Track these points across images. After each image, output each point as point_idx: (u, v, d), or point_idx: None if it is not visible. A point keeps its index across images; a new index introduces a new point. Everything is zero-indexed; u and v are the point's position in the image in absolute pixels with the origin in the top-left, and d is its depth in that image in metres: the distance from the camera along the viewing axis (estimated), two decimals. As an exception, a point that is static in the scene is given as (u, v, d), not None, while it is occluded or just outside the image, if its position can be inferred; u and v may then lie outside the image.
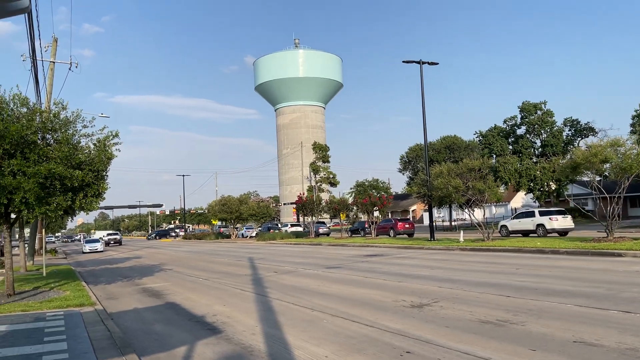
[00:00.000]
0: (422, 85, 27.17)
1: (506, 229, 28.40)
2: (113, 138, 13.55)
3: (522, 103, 45.43)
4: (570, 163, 18.75)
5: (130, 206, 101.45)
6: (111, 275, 20.09)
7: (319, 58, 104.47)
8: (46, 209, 12.30)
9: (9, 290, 13.00)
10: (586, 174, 19.09)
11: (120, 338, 7.62)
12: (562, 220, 26.72)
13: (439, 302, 9.76)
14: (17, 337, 7.87)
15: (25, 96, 12.82)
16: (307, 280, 14.57)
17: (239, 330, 8.34)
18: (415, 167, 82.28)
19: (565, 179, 41.77)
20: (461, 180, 22.07)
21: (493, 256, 18.39)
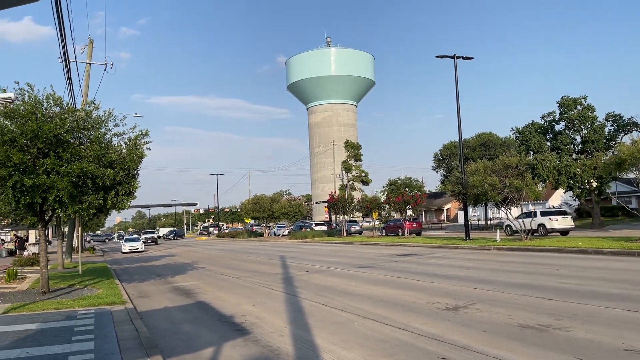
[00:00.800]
0: (457, 81, 26.50)
1: (511, 229, 29.53)
2: (143, 137, 13.58)
3: (561, 98, 43.81)
4: (614, 159, 17.86)
5: (166, 205, 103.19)
6: (145, 273, 20.29)
7: (351, 56, 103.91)
8: (79, 207, 12.42)
9: (44, 287, 13.19)
10: (632, 171, 18.11)
11: (147, 338, 7.51)
12: (562, 220, 28.14)
13: (475, 305, 9.32)
14: (46, 335, 7.87)
15: (58, 96, 12.98)
16: (338, 280, 14.29)
17: (267, 331, 8.13)
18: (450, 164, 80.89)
19: (608, 176, 40.18)
20: (497, 177, 21.33)
21: (532, 256, 17.67)
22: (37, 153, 12.34)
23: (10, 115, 12.26)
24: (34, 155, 12.29)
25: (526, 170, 21.31)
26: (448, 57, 26.66)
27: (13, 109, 12.18)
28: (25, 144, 12.21)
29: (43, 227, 13.56)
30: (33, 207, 12.77)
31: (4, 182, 11.47)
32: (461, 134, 26.89)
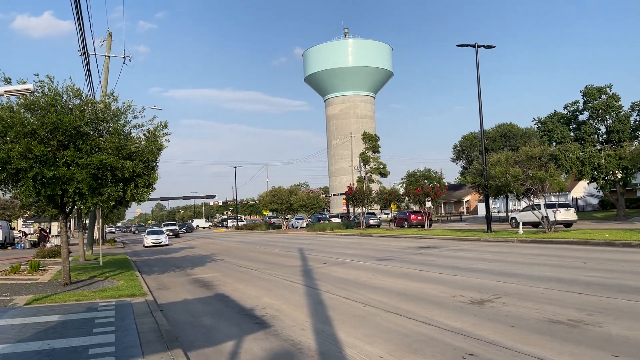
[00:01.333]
0: (478, 70, 25.94)
1: (516, 221, 30.88)
2: (163, 128, 13.52)
3: (585, 87, 42.75)
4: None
5: (185, 197, 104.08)
6: (164, 265, 20.37)
7: (369, 47, 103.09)
8: (98, 199, 12.42)
9: (66, 279, 13.27)
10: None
11: (167, 331, 7.44)
12: (564, 212, 29.05)
13: (501, 298, 9.06)
14: (68, 327, 7.85)
15: (78, 87, 12.97)
16: (358, 272, 14.11)
17: (288, 324, 8.00)
18: (470, 156, 79.97)
19: (634, 167, 39.19)
20: (520, 168, 20.84)
21: (557, 249, 17.25)
22: (58, 145, 12.36)
23: (31, 107, 12.31)
24: (54, 147, 12.32)
25: (550, 161, 20.74)
26: (469, 46, 26.12)
27: (33, 101, 12.21)
28: (46, 136, 12.25)
29: (64, 219, 13.62)
30: (54, 199, 12.82)
31: (24, 174, 11.51)
32: (482, 124, 26.40)
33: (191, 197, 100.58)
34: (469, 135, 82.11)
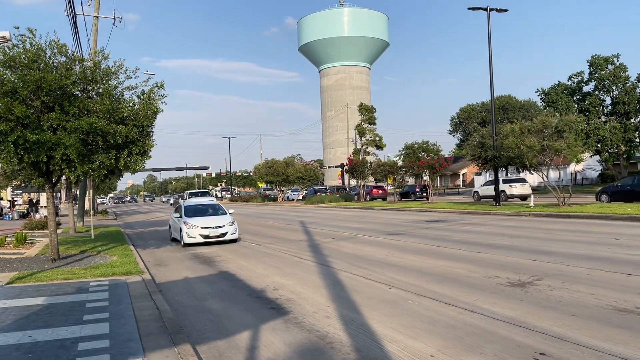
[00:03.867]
0: (489, 35, 24.56)
1: (478, 195, 34.24)
2: (158, 89, 12.23)
3: (591, 57, 41.55)
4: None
5: (178, 168, 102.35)
6: (160, 239, 19.31)
7: (365, 16, 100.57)
8: (89, 167, 11.21)
9: (54, 254, 12.17)
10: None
11: (170, 319, 6.39)
12: (520, 187, 31.50)
13: (542, 280, 8.09)
14: (54, 313, 6.78)
15: (63, 43, 11.60)
16: (370, 248, 13.12)
17: (309, 310, 6.98)
18: (467, 128, 78.89)
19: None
20: (535, 139, 19.77)
21: (578, 224, 16.33)
22: (42, 107, 11.09)
23: (11, 64, 10.98)
24: (38, 109, 11.06)
25: (568, 131, 19.71)
26: (481, 9, 24.68)
27: (13, 57, 10.87)
28: (28, 96, 10.97)
29: (51, 188, 12.43)
30: (39, 166, 11.61)
31: (4, 137, 10.25)
32: (493, 93, 25.14)
33: (184, 168, 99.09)
34: (467, 107, 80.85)
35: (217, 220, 16.10)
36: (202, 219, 15.99)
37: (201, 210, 17.01)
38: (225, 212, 17.19)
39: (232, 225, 15.99)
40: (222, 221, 15.99)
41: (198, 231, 15.37)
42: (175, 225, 17.03)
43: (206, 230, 15.45)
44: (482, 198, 33.37)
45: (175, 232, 16.92)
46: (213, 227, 15.56)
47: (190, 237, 15.34)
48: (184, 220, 15.89)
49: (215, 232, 15.50)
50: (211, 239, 15.46)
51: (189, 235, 15.36)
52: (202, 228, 15.46)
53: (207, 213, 16.87)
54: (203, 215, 16.54)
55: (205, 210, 17.09)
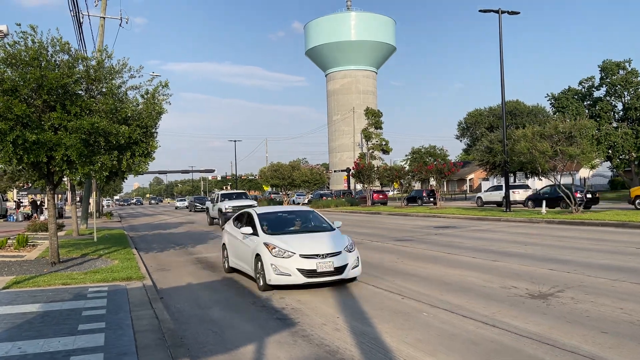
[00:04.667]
0: (501, 38, 24.11)
1: (481, 200, 35.01)
2: (163, 88, 11.89)
3: (602, 62, 40.94)
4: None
5: (183, 171, 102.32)
6: (164, 242, 18.96)
7: (372, 20, 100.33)
8: (90, 168, 10.86)
9: (54, 258, 11.82)
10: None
11: (170, 330, 5.99)
12: (523, 193, 31.43)
13: (564, 292, 7.65)
14: (48, 322, 6.41)
15: (66, 41, 11.28)
16: (379, 255, 12.70)
17: (317, 322, 6.57)
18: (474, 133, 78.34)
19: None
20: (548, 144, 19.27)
21: (594, 231, 15.84)
22: (43, 106, 10.77)
23: (12, 62, 10.66)
24: (39, 108, 10.74)
25: (583, 136, 19.21)
26: (492, 12, 24.25)
27: (14, 54, 10.56)
28: (29, 95, 10.65)
29: (52, 190, 12.10)
30: (39, 167, 11.28)
31: (3, 137, 9.93)
32: (504, 96, 24.65)
33: (190, 171, 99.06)
34: (475, 112, 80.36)
35: (324, 241, 8.88)
36: (297, 239, 8.92)
37: (287, 222, 10.19)
38: (330, 226, 9.98)
39: (351, 252, 8.84)
40: (333, 244, 8.82)
41: (295, 262, 8.34)
42: (242, 248, 9.79)
43: (310, 260, 8.36)
44: (486, 203, 34.08)
45: (242, 259, 9.81)
46: (322, 254, 8.45)
47: (281, 272, 8.32)
48: (263, 241, 8.86)
49: (327, 264, 8.35)
50: (320, 276, 8.34)
51: (279, 268, 8.34)
52: (304, 257, 8.40)
53: (300, 228, 9.94)
54: (293, 230, 9.68)
55: (292, 222, 10.20)
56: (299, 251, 8.45)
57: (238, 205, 23.84)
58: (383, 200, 45.37)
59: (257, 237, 9.17)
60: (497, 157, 35.15)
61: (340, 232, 9.74)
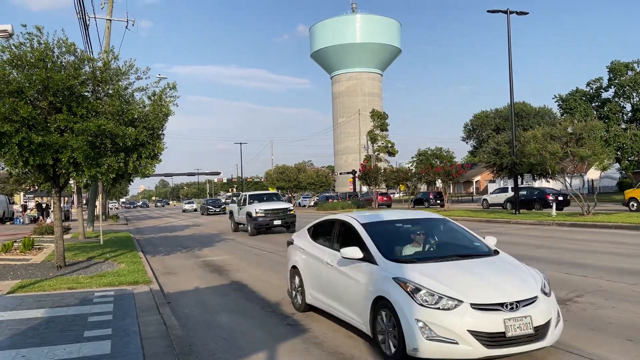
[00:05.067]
0: (509, 38, 23.87)
1: (487, 202, 35.57)
2: (170, 90, 11.75)
3: (610, 63, 40.61)
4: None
5: (189, 174, 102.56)
6: (170, 245, 18.81)
7: (377, 22, 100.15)
8: (96, 171, 10.72)
9: (59, 261, 11.68)
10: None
11: (178, 338, 5.81)
12: None
13: (583, 297, 7.41)
14: (53, 328, 6.24)
15: (72, 42, 11.16)
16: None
17: (330, 328, 6.37)
18: (480, 135, 77.92)
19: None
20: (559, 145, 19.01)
21: (607, 234, 15.55)
22: (49, 108, 10.64)
23: (17, 64, 10.55)
24: (45, 110, 10.61)
25: (588, 138, 18.94)
26: (500, 12, 24.02)
27: (19, 55, 10.44)
28: (35, 97, 10.53)
29: (58, 192, 11.97)
30: (45, 169, 11.15)
31: (9, 139, 9.81)
32: (512, 97, 24.38)
33: (195, 173, 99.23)
34: (481, 114, 79.98)
35: (503, 277, 5.16)
36: (450, 271, 5.15)
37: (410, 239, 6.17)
38: (484, 245, 6.26)
39: (549, 295, 5.08)
40: (520, 281, 5.08)
41: (464, 317, 4.56)
42: (338, 280, 6.10)
43: (491, 314, 4.61)
44: (491, 206, 34.59)
45: (337, 298, 6.13)
46: (509, 303, 4.68)
47: (438, 336, 4.57)
48: (392, 275, 5.09)
49: (521, 322, 4.60)
50: (511, 344, 4.57)
51: (434, 330, 4.59)
52: (479, 309, 4.65)
53: (436, 248, 6.14)
54: (433, 255, 5.82)
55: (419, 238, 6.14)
56: (468, 296, 4.67)
57: (272, 208, 20.63)
58: (387, 202, 46.21)
59: (374, 267, 5.39)
60: (504, 159, 34.87)
61: (531, 268, 5.69)
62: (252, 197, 22.86)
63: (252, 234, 20.42)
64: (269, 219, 20.37)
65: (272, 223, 20.38)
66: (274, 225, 20.50)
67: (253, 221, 20.30)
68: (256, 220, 20.25)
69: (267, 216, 20.29)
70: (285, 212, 21.06)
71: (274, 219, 20.46)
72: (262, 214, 20.38)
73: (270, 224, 20.41)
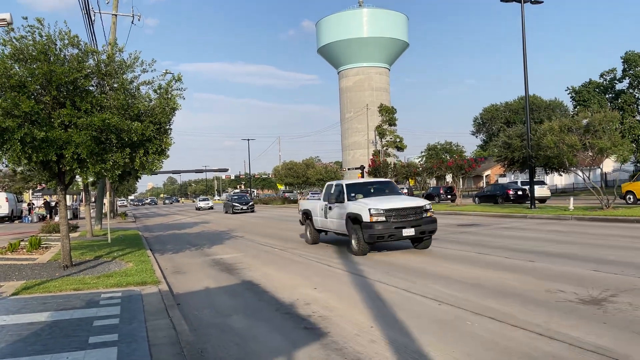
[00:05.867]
0: (523, 27, 23.24)
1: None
2: (176, 82, 11.35)
3: (625, 53, 39.78)
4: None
5: (197, 170, 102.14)
6: (179, 243, 18.48)
7: (384, 16, 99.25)
8: (101, 167, 10.36)
9: (66, 261, 11.35)
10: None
11: (189, 344, 5.42)
12: (538, 189, 31.16)
13: (618, 296, 6.95)
14: (56, 335, 5.88)
15: (75, 34, 10.78)
16: (405, 255, 12.04)
17: (350, 332, 5.96)
18: (490, 129, 77.07)
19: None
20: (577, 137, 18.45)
21: (631, 228, 15.00)
22: (53, 103, 10.29)
23: (19, 57, 10.20)
24: (48, 105, 10.26)
25: (611, 129, 18.37)
26: (514, 1, 23.40)
27: (21, 48, 10.09)
28: (38, 91, 10.19)
29: (63, 190, 11.63)
30: (49, 166, 10.81)
31: (11, 134, 9.46)
32: (527, 89, 23.74)
33: (203, 170, 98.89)
34: (490, 107, 79.21)
35: None
36: None
37: None
38: None
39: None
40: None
41: None
42: None
43: None
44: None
45: None
46: None
47: None
48: None
49: None
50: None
51: None
52: None
53: None
54: None
55: None
56: None
57: (400, 207, 12.15)
58: None
59: None
60: (516, 152, 34.26)
61: None
62: (352, 187, 13.68)
63: (362, 251, 12.13)
64: (395, 227, 11.87)
65: (401, 233, 11.88)
66: (403, 236, 11.98)
67: (367, 229, 11.85)
68: (372, 229, 11.77)
69: (392, 220, 11.93)
70: (420, 215, 12.31)
71: (404, 225, 11.92)
72: (383, 217, 11.86)
73: (396, 234, 11.89)
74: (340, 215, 13.07)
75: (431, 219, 12.43)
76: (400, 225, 11.87)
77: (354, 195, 13.30)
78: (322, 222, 14.47)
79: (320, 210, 14.56)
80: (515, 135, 36.87)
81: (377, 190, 13.95)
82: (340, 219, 13.04)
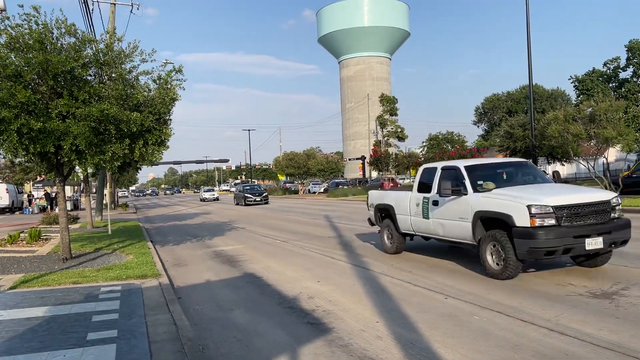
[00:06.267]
0: (528, 16, 22.87)
1: None
2: (176, 74, 11.14)
3: (629, 41, 39.36)
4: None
5: (198, 161, 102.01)
6: (179, 234, 18.34)
7: (385, 5, 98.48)
8: (100, 158, 10.19)
9: (65, 253, 11.21)
10: None
11: (190, 341, 5.27)
12: None
13: (629, 289, 6.79)
14: (54, 331, 5.73)
15: (72, 23, 10.55)
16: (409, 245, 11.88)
17: (355, 328, 5.81)
18: (492, 118, 76.71)
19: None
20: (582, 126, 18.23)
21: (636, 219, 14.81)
22: (50, 93, 10.09)
23: (15, 46, 9.98)
24: (45, 95, 10.06)
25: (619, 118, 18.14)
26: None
27: (16, 36, 9.87)
28: (35, 81, 9.98)
29: (62, 182, 11.46)
30: (47, 157, 10.63)
31: (7, 125, 9.27)
32: (531, 77, 23.42)
33: (204, 161, 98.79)
34: (492, 97, 78.74)
35: None
36: None
37: None
38: None
39: None
40: None
41: None
42: None
43: None
44: None
45: None
46: None
47: None
48: None
49: None
50: None
51: None
52: None
53: None
54: None
55: None
56: None
57: (581, 203, 7.55)
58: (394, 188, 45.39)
59: None
60: (518, 142, 34.04)
61: None
62: (475, 171, 9.13)
63: (510, 273, 7.68)
64: (574, 234, 7.32)
65: (583, 245, 7.33)
66: (586, 250, 7.40)
67: (524, 239, 7.33)
68: (535, 238, 7.22)
69: (566, 224, 7.41)
70: (607, 215, 7.88)
71: (588, 232, 7.40)
72: (553, 219, 7.33)
73: (576, 246, 7.33)
74: (460, 213, 8.66)
75: (623, 223, 7.99)
76: (582, 232, 7.34)
77: (477, 181, 8.83)
78: (419, 224, 9.96)
79: (415, 206, 9.98)
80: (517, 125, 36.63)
81: (510, 176, 9.32)
82: (460, 221, 8.68)
